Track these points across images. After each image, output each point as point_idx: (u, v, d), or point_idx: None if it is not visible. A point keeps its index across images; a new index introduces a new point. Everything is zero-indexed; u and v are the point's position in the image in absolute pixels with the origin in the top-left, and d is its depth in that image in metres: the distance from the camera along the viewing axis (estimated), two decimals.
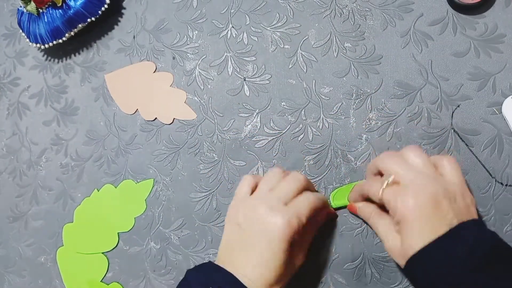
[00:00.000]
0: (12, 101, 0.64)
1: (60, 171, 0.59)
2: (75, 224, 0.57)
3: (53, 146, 0.60)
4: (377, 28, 0.49)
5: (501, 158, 0.44)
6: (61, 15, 0.56)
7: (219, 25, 0.55)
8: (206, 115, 0.53)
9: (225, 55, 0.54)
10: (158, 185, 0.54)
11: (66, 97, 0.61)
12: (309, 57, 0.51)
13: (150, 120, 0.56)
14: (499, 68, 0.45)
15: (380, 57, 0.49)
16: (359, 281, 0.45)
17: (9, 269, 0.59)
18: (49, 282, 0.57)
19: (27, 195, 0.60)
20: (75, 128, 0.59)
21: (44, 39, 0.58)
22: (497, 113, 0.45)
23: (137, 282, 0.53)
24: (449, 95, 0.46)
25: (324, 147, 0.49)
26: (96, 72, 0.60)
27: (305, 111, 0.50)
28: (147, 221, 0.53)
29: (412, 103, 0.47)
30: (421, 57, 0.47)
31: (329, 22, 0.51)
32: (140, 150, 0.55)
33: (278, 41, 0.52)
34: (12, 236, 0.60)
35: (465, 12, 0.47)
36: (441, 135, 0.46)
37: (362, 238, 0.46)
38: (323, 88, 0.50)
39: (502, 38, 0.46)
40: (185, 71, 0.55)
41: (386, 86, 0.48)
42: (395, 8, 0.49)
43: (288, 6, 0.52)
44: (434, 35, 0.47)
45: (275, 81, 0.51)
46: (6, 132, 0.63)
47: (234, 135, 0.52)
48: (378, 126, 0.47)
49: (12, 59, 0.65)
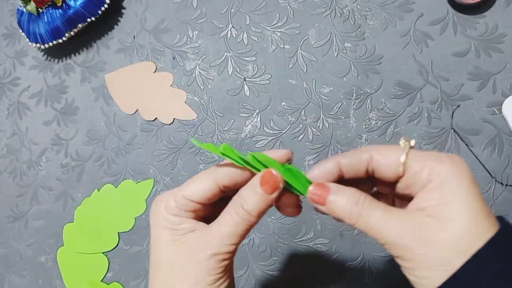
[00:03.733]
0: (12, 101, 0.64)
1: (60, 171, 0.59)
2: (76, 224, 0.57)
3: (53, 146, 0.60)
4: (377, 28, 0.49)
5: (501, 158, 0.44)
6: (61, 15, 0.56)
7: (219, 25, 0.55)
8: (206, 115, 0.53)
9: (225, 55, 0.54)
10: (158, 185, 0.54)
11: (66, 97, 0.61)
12: (309, 57, 0.51)
13: (150, 120, 0.56)
14: (499, 68, 0.45)
15: (380, 57, 0.49)
16: (359, 281, 0.45)
17: (9, 269, 0.59)
18: (49, 282, 0.57)
19: (27, 195, 0.60)
20: (75, 128, 0.59)
21: (44, 39, 0.58)
22: (497, 113, 0.45)
23: (138, 282, 0.53)
24: (449, 95, 0.46)
25: (324, 147, 0.49)
26: (96, 72, 0.60)
27: (305, 111, 0.50)
28: (147, 221, 0.53)
29: (412, 103, 0.47)
30: (421, 57, 0.47)
31: (329, 22, 0.51)
32: (140, 150, 0.55)
33: (278, 41, 0.52)
34: (13, 236, 0.60)
35: (466, 12, 0.47)
36: (441, 135, 0.46)
37: (362, 238, 0.46)
38: (323, 88, 0.50)
39: (502, 38, 0.46)
40: (185, 71, 0.55)
41: (386, 86, 0.48)
42: (396, 8, 0.49)
43: (288, 6, 0.52)
44: (435, 35, 0.47)
45: (275, 81, 0.51)
46: (6, 132, 0.63)
47: (234, 135, 0.52)
48: (378, 126, 0.47)
49: (12, 59, 0.65)
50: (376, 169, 0.27)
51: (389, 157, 0.26)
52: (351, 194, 0.26)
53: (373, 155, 0.27)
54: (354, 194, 0.26)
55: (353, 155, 0.28)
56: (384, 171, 0.27)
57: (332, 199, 0.27)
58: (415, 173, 0.25)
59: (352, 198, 0.26)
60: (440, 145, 0.45)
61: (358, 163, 0.27)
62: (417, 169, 0.25)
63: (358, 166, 0.27)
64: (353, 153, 0.28)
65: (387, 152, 0.27)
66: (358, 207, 0.26)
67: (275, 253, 0.49)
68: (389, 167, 0.26)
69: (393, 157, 0.26)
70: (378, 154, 0.27)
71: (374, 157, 0.27)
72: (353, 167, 0.28)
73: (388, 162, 0.26)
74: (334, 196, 0.27)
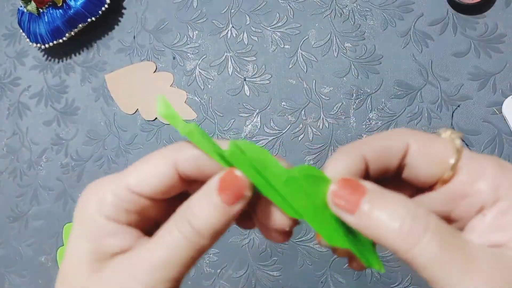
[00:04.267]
0: (12, 101, 0.64)
1: (60, 171, 0.59)
2: None
3: (53, 146, 0.60)
4: (377, 28, 0.49)
5: (501, 158, 0.44)
6: (62, 15, 0.56)
7: (219, 25, 0.55)
8: (206, 115, 0.53)
9: (225, 55, 0.54)
10: None
11: (67, 97, 0.61)
12: (309, 57, 0.51)
13: (150, 120, 0.56)
14: (499, 68, 0.45)
15: (380, 57, 0.49)
16: (359, 281, 0.45)
17: (9, 269, 0.59)
18: (49, 282, 0.57)
19: (27, 195, 0.60)
20: (76, 128, 0.59)
21: (45, 39, 0.58)
22: (497, 113, 0.45)
23: None
24: (449, 95, 0.46)
25: (324, 147, 0.49)
26: (97, 72, 0.60)
27: (305, 111, 0.50)
28: None
29: (412, 103, 0.47)
30: (421, 57, 0.47)
31: (329, 22, 0.51)
32: (140, 150, 0.55)
33: (278, 41, 0.52)
34: (13, 236, 0.60)
35: (465, 12, 0.47)
36: None
37: None
38: (323, 88, 0.50)
39: (502, 38, 0.46)
40: (185, 71, 0.55)
41: (386, 86, 0.48)
42: (395, 8, 0.49)
43: (288, 6, 0.52)
44: (434, 35, 0.47)
45: (275, 81, 0.52)
46: (7, 132, 0.63)
47: (234, 135, 0.52)
48: (378, 126, 0.47)
49: (13, 59, 0.65)
50: (412, 167, 0.19)
51: (433, 152, 0.18)
52: (404, 203, 0.17)
53: (410, 145, 0.19)
54: (407, 204, 0.17)
55: (382, 142, 0.19)
56: (423, 171, 0.18)
57: (368, 209, 0.17)
58: (470, 183, 0.18)
59: (406, 209, 0.16)
60: None
61: (388, 156, 0.19)
62: (473, 178, 0.18)
63: (387, 159, 0.19)
64: (381, 139, 0.19)
65: (431, 144, 0.18)
66: (419, 226, 0.16)
67: (275, 253, 0.49)
68: (431, 166, 0.18)
69: (439, 153, 0.18)
70: (417, 144, 0.18)
71: (412, 148, 0.19)
72: (382, 160, 0.19)
73: (431, 159, 0.18)
74: (373, 205, 0.17)
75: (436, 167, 0.18)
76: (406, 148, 0.18)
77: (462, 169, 0.18)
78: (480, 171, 0.17)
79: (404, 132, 0.19)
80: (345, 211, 0.17)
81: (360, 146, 0.19)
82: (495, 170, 0.17)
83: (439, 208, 0.19)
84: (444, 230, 0.16)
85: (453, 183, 0.18)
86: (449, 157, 0.18)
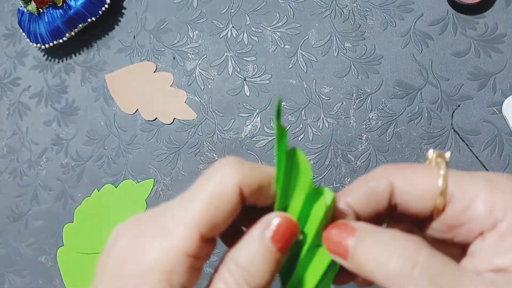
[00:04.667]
0: (12, 101, 0.64)
1: (60, 171, 0.59)
2: (75, 224, 0.57)
3: (53, 146, 0.60)
4: (377, 28, 0.49)
5: (501, 158, 0.44)
6: (62, 15, 0.56)
7: (219, 25, 0.55)
8: (206, 115, 0.53)
9: (225, 55, 0.54)
10: (158, 185, 0.54)
11: (67, 97, 0.61)
12: (309, 57, 0.51)
13: (150, 120, 0.56)
14: (499, 68, 0.45)
15: (380, 57, 0.49)
16: None
17: (9, 269, 0.59)
18: (49, 282, 0.57)
19: (27, 195, 0.60)
20: (76, 128, 0.59)
21: (45, 39, 0.58)
22: (497, 113, 0.45)
23: None
24: (449, 95, 0.46)
25: (324, 147, 0.49)
26: (97, 72, 0.60)
27: (305, 111, 0.50)
28: None
29: (412, 103, 0.47)
30: (421, 57, 0.47)
31: (329, 22, 0.51)
32: (140, 150, 0.55)
33: (278, 41, 0.52)
34: (13, 236, 0.60)
35: (465, 12, 0.47)
36: (441, 135, 0.46)
37: None
38: (323, 88, 0.50)
39: (502, 38, 0.46)
40: (185, 71, 0.55)
41: (386, 86, 0.48)
42: (395, 8, 0.49)
43: (288, 6, 0.53)
44: (434, 35, 0.47)
45: (275, 81, 0.52)
46: (7, 132, 0.63)
47: (235, 135, 0.52)
48: (378, 126, 0.47)
49: (13, 59, 0.65)
50: (401, 203, 0.19)
51: (418, 186, 0.18)
52: (392, 241, 0.16)
53: (394, 183, 0.18)
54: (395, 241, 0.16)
55: (364, 188, 0.19)
56: (413, 205, 0.18)
57: (358, 249, 0.17)
58: (465, 210, 0.17)
59: (393, 248, 0.16)
60: (440, 145, 0.45)
61: (374, 200, 0.18)
62: (467, 203, 0.17)
63: (374, 203, 0.19)
64: (363, 184, 0.19)
65: (414, 177, 0.18)
66: (407, 264, 0.16)
67: None
68: (419, 200, 0.18)
69: (424, 185, 0.18)
70: (400, 180, 0.18)
71: (396, 186, 0.18)
72: (368, 206, 0.19)
73: (418, 194, 0.18)
74: (363, 243, 0.17)
75: (424, 199, 0.18)
76: (390, 188, 0.18)
77: (454, 196, 0.17)
78: (472, 194, 0.17)
79: (385, 171, 0.19)
80: (337, 255, 0.17)
81: (343, 198, 0.19)
82: (487, 190, 0.17)
83: (439, 236, 0.19)
84: (434, 264, 0.16)
85: (448, 212, 0.18)
86: (435, 187, 0.18)
